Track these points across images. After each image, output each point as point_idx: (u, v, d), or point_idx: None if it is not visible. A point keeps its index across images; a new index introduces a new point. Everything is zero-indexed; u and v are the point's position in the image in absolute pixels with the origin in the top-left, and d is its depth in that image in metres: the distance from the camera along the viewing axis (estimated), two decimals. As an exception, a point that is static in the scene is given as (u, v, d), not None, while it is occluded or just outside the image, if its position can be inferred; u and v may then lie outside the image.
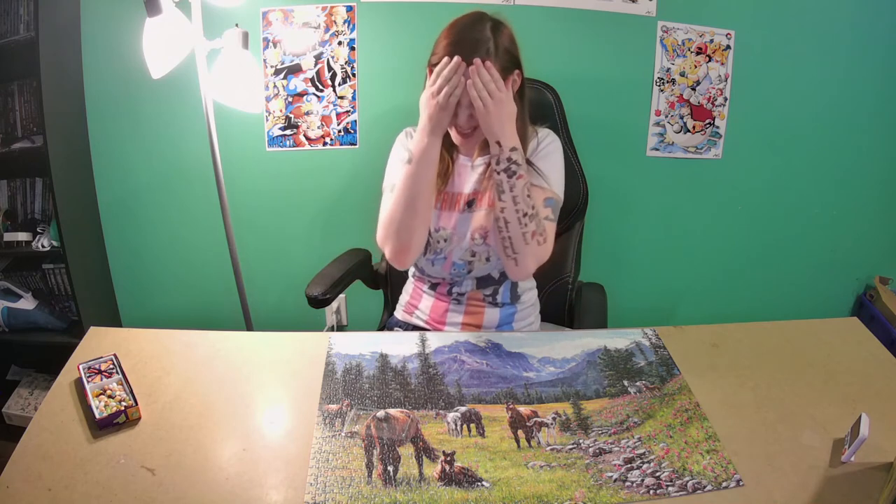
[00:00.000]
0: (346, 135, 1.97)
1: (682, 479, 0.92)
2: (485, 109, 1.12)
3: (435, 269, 1.36)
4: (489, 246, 1.30)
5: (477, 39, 1.14)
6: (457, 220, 1.32)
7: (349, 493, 0.90)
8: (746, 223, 2.13)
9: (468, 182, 1.33)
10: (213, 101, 1.60)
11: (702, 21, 1.88)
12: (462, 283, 1.37)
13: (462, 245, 1.31)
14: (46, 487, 0.89)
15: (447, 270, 1.35)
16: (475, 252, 1.31)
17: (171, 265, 2.12)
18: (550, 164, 1.30)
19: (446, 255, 1.33)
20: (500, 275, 1.36)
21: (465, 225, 1.31)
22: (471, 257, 1.32)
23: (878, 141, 2.04)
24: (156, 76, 1.51)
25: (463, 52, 1.12)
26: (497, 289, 1.37)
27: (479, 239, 1.30)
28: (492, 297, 1.38)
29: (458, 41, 1.14)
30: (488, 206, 1.29)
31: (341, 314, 2.21)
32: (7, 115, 1.86)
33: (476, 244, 1.30)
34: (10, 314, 1.91)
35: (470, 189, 1.32)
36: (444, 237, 1.31)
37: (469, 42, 1.14)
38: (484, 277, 1.36)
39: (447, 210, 1.32)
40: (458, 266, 1.34)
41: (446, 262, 1.34)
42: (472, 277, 1.36)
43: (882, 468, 0.94)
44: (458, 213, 1.32)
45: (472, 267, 1.33)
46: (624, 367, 1.18)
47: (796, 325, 1.32)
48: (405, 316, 1.46)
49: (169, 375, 1.12)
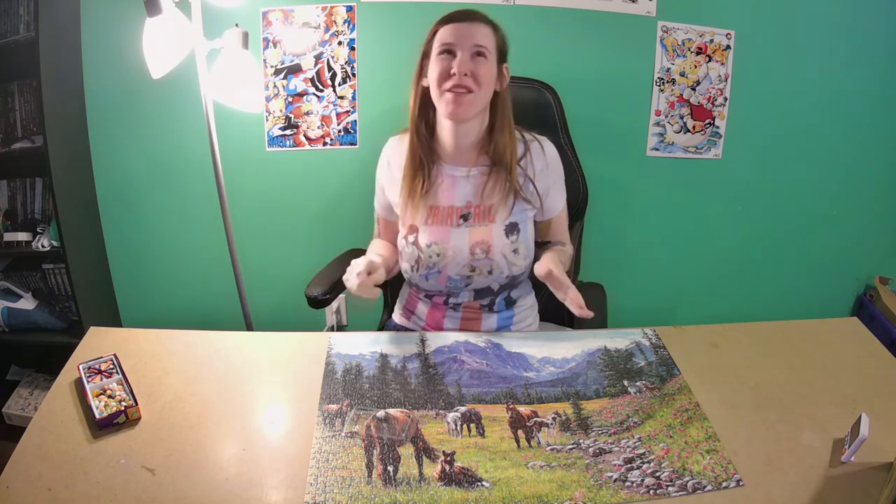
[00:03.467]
0: (346, 135, 1.97)
1: (682, 479, 0.92)
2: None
3: (430, 284, 1.33)
4: (492, 260, 1.28)
5: (475, 14, 1.23)
6: (451, 234, 1.28)
7: (349, 493, 0.90)
8: (746, 223, 2.13)
9: (460, 194, 1.30)
10: (213, 101, 1.60)
11: (702, 21, 1.88)
12: (459, 294, 1.34)
13: (459, 260, 1.28)
14: (46, 487, 0.89)
15: (443, 284, 1.32)
16: (475, 266, 1.29)
17: (171, 265, 2.12)
18: (561, 179, 1.36)
19: (440, 270, 1.30)
20: (500, 287, 1.33)
21: (462, 239, 1.28)
22: (470, 272, 1.29)
23: (878, 141, 2.04)
24: (156, 76, 1.51)
25: (462, 15, 1.22)
26: (494, 299, 1.35)
27: (480, 253, 1.27)
28: (489, 307, 1.36)
29: (457, 11, 1.23)
30: (488, 219, 1.27)
31: (341, 314, 2.21)
32: (7, 115, 1.86)
33: (477, 259, 1.28)
34: (10, 314, 1.91)
35: (463, 202, 1.29)
36: (437, 252, 1.28)
37: (468, 15, 1.22)
38: (482, 289, 1.33)
39: (438, 224, 1.29)
40: (454, 280, 1.31)
41: (441, 276, 1.31)
42: (471, 290, 1.33)
43: (882, 468, 0.94)
44: (452, 228, 1.29)
45: (472, 281, 1.31)
46: (624, 367, 1.18)
47: (796, 325, 1.32)
48: (402, 320, 1.45)
49: (169, 375, 1.12)
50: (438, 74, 1.20)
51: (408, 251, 1.31)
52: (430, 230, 1.29)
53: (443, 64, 1.20)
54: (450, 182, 1.30)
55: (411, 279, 1.36)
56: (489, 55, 1.21)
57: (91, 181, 1.99)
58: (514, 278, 1.32)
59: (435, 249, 1.28)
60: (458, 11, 1.22)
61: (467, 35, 1.19)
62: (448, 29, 1.21)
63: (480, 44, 1.19)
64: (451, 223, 1.29)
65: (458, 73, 1.18)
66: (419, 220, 1.29)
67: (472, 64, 1.19)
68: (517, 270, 1.30)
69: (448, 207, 1.29)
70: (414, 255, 1.30)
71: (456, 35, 1.20)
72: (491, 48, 1.21)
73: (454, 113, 1.21)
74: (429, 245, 1.28)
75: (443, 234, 1.29)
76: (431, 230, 1.29)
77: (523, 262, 1.30)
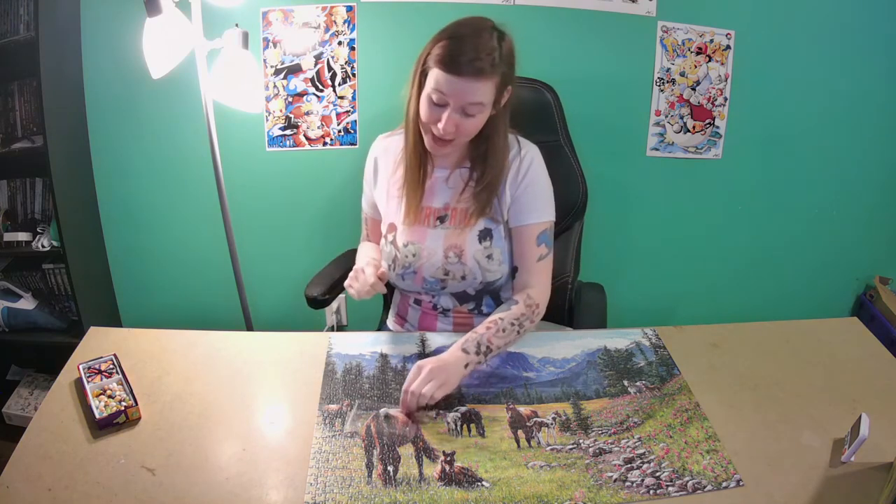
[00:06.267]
0: (346, 135, 1.97)
1: (682, 479, 0.92)
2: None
3: (406, 284, 1.32)
4: (464, 265, 1.26)
5: (479, 70, 1.09)
6: (427, 235, 1.28)
7: (349, 493, 0.90)
8: (746, 223, 2.13)
9: (438, 196, 1.28)
10: (213, 101, 1.60)
11: (702, 21, 1.88)
12: (440, 298, 1.33)
13: (433, 261, 1.27)
14: (46, 487, 0.89)
15: (419, 285, 1.30)
16: (448, 270, 1.27)
17: (171, 265, 2.12)
18: (539, 189, 1.26)
19: (416, 270, 1.28)
20: (476, 291, 1.31)
21: (436, 241, 1.27)
22: (444, 275, 1.27)
23: (879, 140, 2.04)
24: (156, 76, 1.51)
25: (461, 68, 1.08)
26: (478, 302, 1.33)
27: (453, 257, 1.26)
28: (476, 310, 1.34)
29: (458, 52, 1.09)
30: (464, 223, 1.25)
31: (341, 314, 2.21)
32: (7, 115, 1.86)
33: (450, 262, 1.26)
34: (10, 314, 1.91)
35: (441, 203, 1.28)
36: (413, 252, 1.27)
37: (470, 48, 1.09)
38: (460, 294, 1.32)
39: (416, 224, 1.28)
40: (429, 282, 1.29)
41: (416, 277, 1.29)
42: (448, 293, 1.32)
43: (882, 468, 0.94)
44: (429, 228, 1.28)
45: (446, 284, 1.29)
46: (624, 367, 1.18)
47: (796, 325, 1.32)
48: (396, 327, 1.45)
49: (169, 375, 1.12)
50: (426, 116, 1.15)
51: (386, 250, 1.31)
52: (408, 229, 1.29)
53: (433, 110, 1.14)
54: (432, 182, 1.29)
55: (389, 279, 1.34)
56: (483, 107, 1.14)
57: (91, 181, 1.99)
58: (490, 284, 1.29)
59: (411, 249, 1.28)
60: (463, 63, 1.09)
61: (462, 93, 1.10)
62: (445, 79, 1.10)
63: (475, 101, 1.11)
64: (428, 224, 1.28)
65: (444, 131, 1.13)
66: (401, 218, 1.29)
67: (460, 119, 1.13)
68: (491, 277, 1.27)
69: (426, 208, 1.29)
70: (391, 254, 1.30)
71: (450, 89, 1.10)
72: (487, 100, 1.13)
73: (434, 150, 1.21)
74: (405, 244, 1.28)
75: (419, 235, 1.28)
76: (409, 229, 1.28)
77: (498, 267, 1.27)
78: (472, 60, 1.08)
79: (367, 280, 1.16)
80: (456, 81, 1.09)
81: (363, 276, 1.18)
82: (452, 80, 1.09)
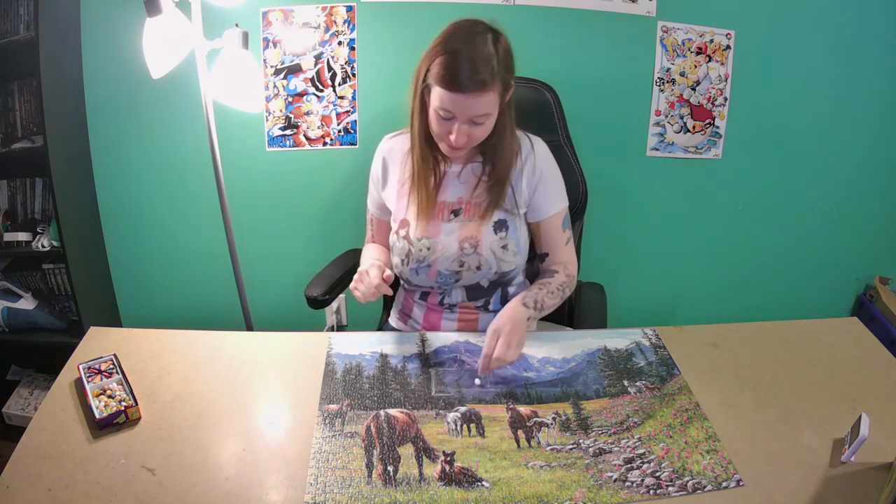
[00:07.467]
0: (346, 135, 1.97)
1: (682, 479, 0.92)
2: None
3: (420, 279, 1.32)
4: (480, 255, 1.27)
5: (480, 84, 1.10)
6: (441, 229, 1.29)
7: (349, 493, 0.90)
8: (746, 223, 2.13)
9: (451, 190, 1.30)
10: (213, 101, 1.60)
11: (702, 21, 1.88)
12: (451, 292, 1.34)
13: (448, 254, 1.28)
14: (46, 487, 0.89)
15: (433, 279, 1.31)
16: (464, 262, 1.28)
17: (171, 265, 2.12)
18: (554, 180, 1.32)
19: (430, 264, 1.29)
20: (490, 284, 1.33)
21: (451, 234, 1.28)
22: (459, 267, 1.29)
23: (879, 140, 2.04)
24: (156, 76, 1.51)
25: (462, 84, 1.09)
26: (488, 299, 1.35)
27: (468, 248, 1.27)
28: (483, 307, 1.35)
29: (457, 69, 1.09)
30: (479, 217, 1.27)
31: (341, 314, 2.21)
32: (7, 115, 1.86)
33: (465, 254, 1.27)
34: (10, 314, 1.91)
35: (454, 198, 1.30)
36: (427, 246, 1.28)
37: (468, 63, 1.09)
38: (473, 287, 1.33)
39: (430, 219, 1.29)
40: (444, 276, 1.30)
41: (431, 271, 1.30)
42: (461, 287, 1.33)
43: (882, 468, 0.94)
44: (443, 223, 1.29)
45: (461, 276, 1.30)
46: (624, 367, 1.18)
47: (796, 325, 1.32)
48: (399, 324, 1.45)
49: (169, 375, 1.12)
50: (437, 131, 1.18)
51: (399, 245, 1.31)
52: (422, 225, 1.29)
53: (442, 125, 1.16)
54: (445, 177, 1.31)
55: (402, 274, 1.35)
56: (490, 115, 1.16)
57: (91, 181, 1.99)
58: (504, 275, 1.31)
59: (425, 244, 1.28)
60: (464, 80, 1.09)
61: (467, 108, 1.12)
62: (449, 97, 1.11)
63: (481, 113, 1.13)
64: (441, 218, 1.29)
65: (457, 143, 1.16)
66: (412, 214, 1.29)
67: (470, 129, 1.15)
68: (506, 267, 1.30)
69: (440, 203, 1.30)
70: (405, 249, 1.30)
71: (455, 107, 1.12)
72: (493, 109, 1.16)
73: (451, 155, 1.26)
74: (419, 239, 1.29)
75: (434, 229, 1.29)
76: (423, 225, 1.29)
77: (513, 258, 1.29)
78: (472, 75, 1.09)
79: (372, 282, 1.16)
80: (459, 99, 1.11)
81: (368, 278, 1.18)
82: (456, 97, 1.11)
